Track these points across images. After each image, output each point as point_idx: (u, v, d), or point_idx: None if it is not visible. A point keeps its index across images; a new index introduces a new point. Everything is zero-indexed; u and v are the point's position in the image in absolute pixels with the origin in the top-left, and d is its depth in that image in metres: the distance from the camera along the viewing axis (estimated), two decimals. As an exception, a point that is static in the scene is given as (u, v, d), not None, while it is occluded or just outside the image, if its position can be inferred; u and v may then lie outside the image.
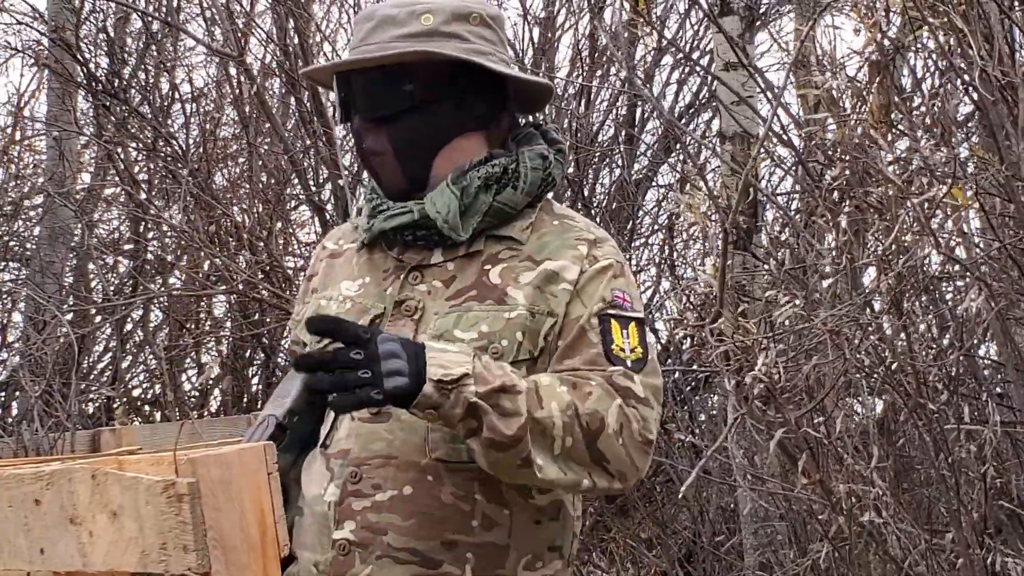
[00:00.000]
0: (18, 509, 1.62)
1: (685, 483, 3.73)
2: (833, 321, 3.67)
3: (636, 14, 4.10)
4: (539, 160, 2.16)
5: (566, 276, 2.10)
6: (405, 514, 2.02)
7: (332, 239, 2.32)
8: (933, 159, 3.38)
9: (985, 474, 3.67)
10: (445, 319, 2.08)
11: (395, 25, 2.13)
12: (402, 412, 1.98)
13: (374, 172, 2.16)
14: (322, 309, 2.18)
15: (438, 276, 2.13)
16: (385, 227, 2.14)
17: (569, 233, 2.15)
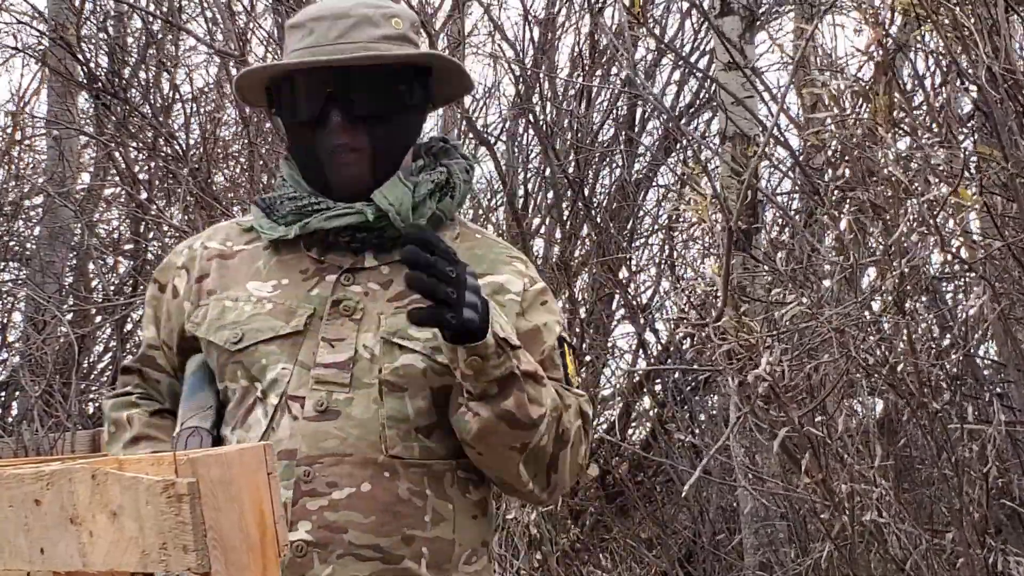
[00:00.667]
0: (18, 509, 1.62)
1: (687, 483, 3.73)
2: (837, 320, 3.67)
3: (632, 17, 4.10)
4: (466, 174, 2.23)
5: (511, 288, 2.16)
6: (365, 511, 2.03)
7: (215, 239, 2.24)
8: (936, 158, 3.38)
9: (987, 474, 3.67)
10: (395, 318, 2.09)
11: (374, 25, 2.14)
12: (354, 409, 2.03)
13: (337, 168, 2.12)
14: (229, 311, 2.13)
15: (373, 279, 2.13)
16: (325, 226, 2.11)
17: (497, 247, 2.24)
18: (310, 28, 2.15)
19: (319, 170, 2.14)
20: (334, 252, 2.15)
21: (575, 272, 7.58)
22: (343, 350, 2.07)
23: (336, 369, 2.06)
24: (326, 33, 2.13)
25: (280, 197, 2.18)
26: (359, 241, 2.14)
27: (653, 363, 7.20)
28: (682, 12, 7.87)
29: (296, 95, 2.13)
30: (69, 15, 7.49)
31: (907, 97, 3.88)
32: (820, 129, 3.80)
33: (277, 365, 2.08)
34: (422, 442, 2.07)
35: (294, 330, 2.09)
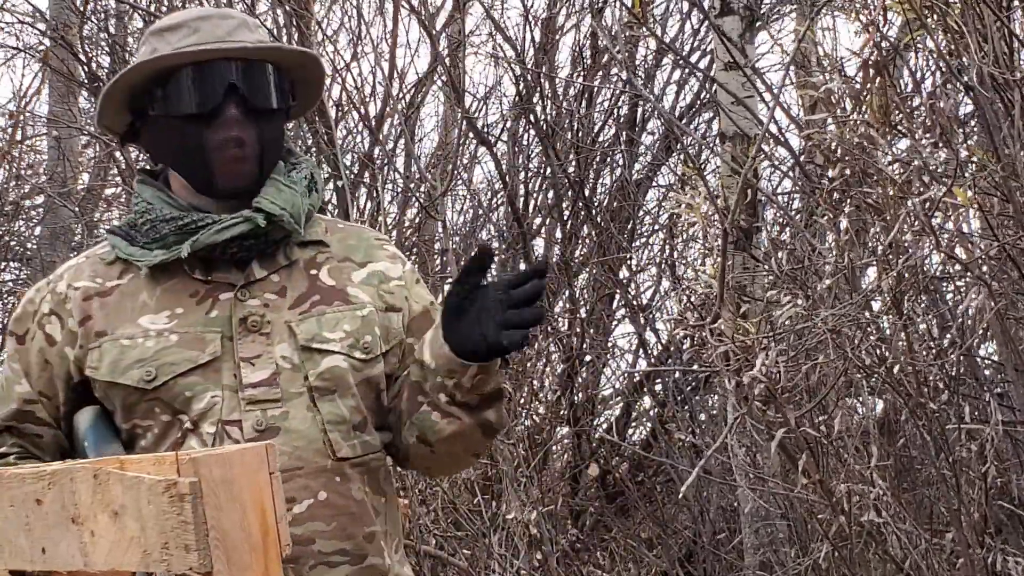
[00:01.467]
0: (19, 509, 1.62)
1: (686, 483, 3.74)
2: (834, 320, 3.67)
3: (633, 17, 4.10)
4: (318, 169, 2.27)
5: (392, 275, 2.22)
6: (327, 519, 2.06)
7: (81, 279, 2.16)
8: (933, 159, 3.38)
9: (986, 474, 3.67)
10: (307, 324, 2.11)
11: (252, 30, 2.17)
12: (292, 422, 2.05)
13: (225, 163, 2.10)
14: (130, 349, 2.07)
15: (268, 289, 2.12)
16: (218, 239, 2.07)
17: (365, 234, 2.27)
18: (194, 27, 2.13)
19: (204, 165, 2.10)
20: (218, 269, 2.12)
21: (576, 272, 7.58)
22: (264, 366, 2.07)
23: (265, 387, 2.07)
24: (213, 31, 2.13)
25: (150, 221, 2.12)
26: (246, 250, 2.11)
27: (653, 363, 7.20)
28: (683, 13, 7.87)
29: (191, 88, 2.10)
30: (70, 15, 7.49)
31: (903, 99, 3.88)
32: (818, 130, 3.81)
33: (205, 394, 2.06)
34: (360, 438, 2.11)
35: (212, 357, 2.07)
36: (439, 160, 8.00)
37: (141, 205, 2.15)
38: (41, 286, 2.20)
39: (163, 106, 2.12)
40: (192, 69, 2.10)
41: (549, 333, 7.18)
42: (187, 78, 2.10)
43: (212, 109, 2.09)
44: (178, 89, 2.10)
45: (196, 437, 2.05)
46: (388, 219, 6.97)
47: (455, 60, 7.52)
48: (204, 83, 2.10)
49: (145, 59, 2.12)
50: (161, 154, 2.18)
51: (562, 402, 7.01)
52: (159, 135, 2.16)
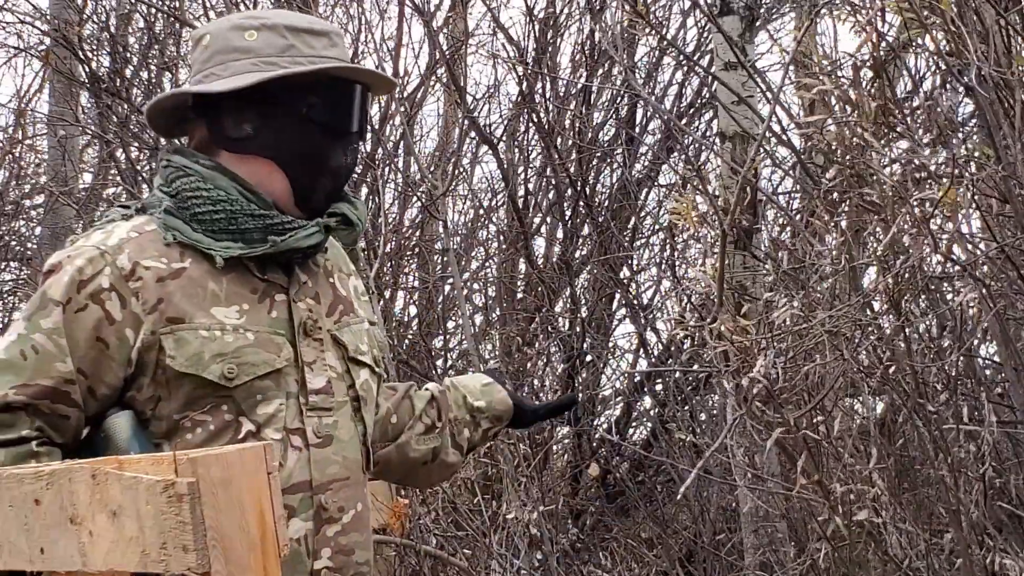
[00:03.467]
0: (18, 509, 1.63)
1: (685, 483, 3.74)
2: (832, 322, 3.67)
3: (636, 15, 4.10)
4: None
5: (361, 289, 2.30)
6: (362, 529, 2.12)
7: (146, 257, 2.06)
8: (931, 160, 3.38)
9: (984, 474, 3.67)
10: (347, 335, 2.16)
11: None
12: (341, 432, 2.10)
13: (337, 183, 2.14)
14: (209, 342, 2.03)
15: (307, 294, 2.15)
16: (302, 245, 2.09)
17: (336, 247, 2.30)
18: (334, 41, 2.15)
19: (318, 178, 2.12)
20: (270, 270, 2.12)
21: (576, 271, 7.58)
22: (320, 372, 2.10)
23: (324, 394, 2.10)
24: (344, 51, 2.15)
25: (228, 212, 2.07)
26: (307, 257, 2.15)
27: (654, 363, 7.20)
28: (683, 12, 7.87)
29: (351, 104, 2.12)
30: (71, 15, 7.49)
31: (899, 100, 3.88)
32: (816, 131, 3.80)
33: (274, 400, 2.06)
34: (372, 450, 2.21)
35: (286, 362, 2.07)
36: (440, 160, 8.00)
37: (212, 192, 2.07)
38: (94, 256, 2.04)
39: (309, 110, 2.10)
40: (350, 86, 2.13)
41: (549, 333, 7.18)
42: (345, 94, 2.12)
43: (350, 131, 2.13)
44: (333, 100, 2.11)
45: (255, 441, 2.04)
46: (389, 219, 6.97)
47: (456, 59, 7.52)
48: (354, 104, 2.12)
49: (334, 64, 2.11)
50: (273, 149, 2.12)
51: (563, 402, 6.98)
52: (284, 132, 2.11)
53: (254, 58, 2.09)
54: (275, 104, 2.10)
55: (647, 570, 5.96)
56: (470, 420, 2.37)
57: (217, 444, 2.01)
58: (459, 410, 2.37)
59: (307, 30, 2.14)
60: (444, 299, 7.70)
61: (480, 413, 2.38)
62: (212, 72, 2.10)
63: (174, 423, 2.04)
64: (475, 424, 2.37)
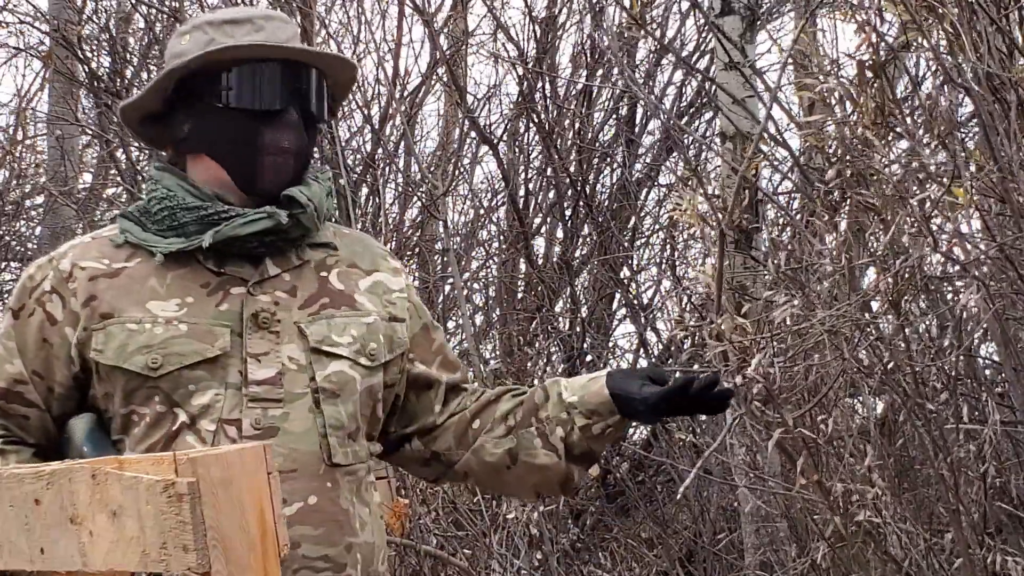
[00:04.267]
0: (18, 509, 1.63)
1: (684, 483, 3.74)
2: (831, 321, 3.68)
3: (632, 20, 4.11)
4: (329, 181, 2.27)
5: (393, 287, 2.22)
6: (315, 523, 2.05)
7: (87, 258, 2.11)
8: (930, 160, 3.39)
9: (985, 474, 3.67)
10: (317, 326, 2.11)
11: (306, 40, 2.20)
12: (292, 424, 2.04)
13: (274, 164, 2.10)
14: (137, 334, 2.05)
15: (279, 287, 2.12)
16: (240, 233, 2.07)
17: (369, 243, 2.29)
18: (259, 25, 2.13)
19: (252, 163, 2.10)
20: (231, 263, 2.10)
21: (576, 271, 7.58)
22: (270, 364, 2.06)
23: (268, 385, 2.06)
24: (276, 33, 2.13)
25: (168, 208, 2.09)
26: (265, 246, 2.11)
27: (654, 363, 7.20)
28: (682, 13, 7.87)
29: (257, 84, 2.09)
30: (71, 15, 7.49)
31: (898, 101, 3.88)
32: (816, 131, 3.81)
33: (208, 391, 2.04)
34: (351, 447, 2.11)
35: (221, 351, 2.05)
36: (440, 160, 8.00)
37: (159, 191, 2.11)
38: (43, 263, 2.14)
39: (225, 97, 2.09)
40: (264, 66, 2.10)
41: (549, 333, 7.19)
42: (257, 74, 2.09)
43: (276, 110, 2.09)
44: (245, 83, 2.09)
45: (193, 434, 2.03)
46: (390, 219, 6.98)
47: (457, 59, 7.52)
48: (273, 82, 2.09)
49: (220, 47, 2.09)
50: (205, 143, 2.12)
51: (563, 401, 6.98)
52: (209, 124, 2.12)
53: (181, 59, 2.12)
54: (199, 99, 2.11)
55: (647, 570, 5.96)
56: (565, 418, 2.15)
57: (155, 435, 2.03)
58: (554, 408, 2.17)
59: (229, 20, 2.14)
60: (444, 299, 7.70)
61: (573, 409, 2.14)
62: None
63: (124, 418, 2.07)
64: (570, 422, 2.15)
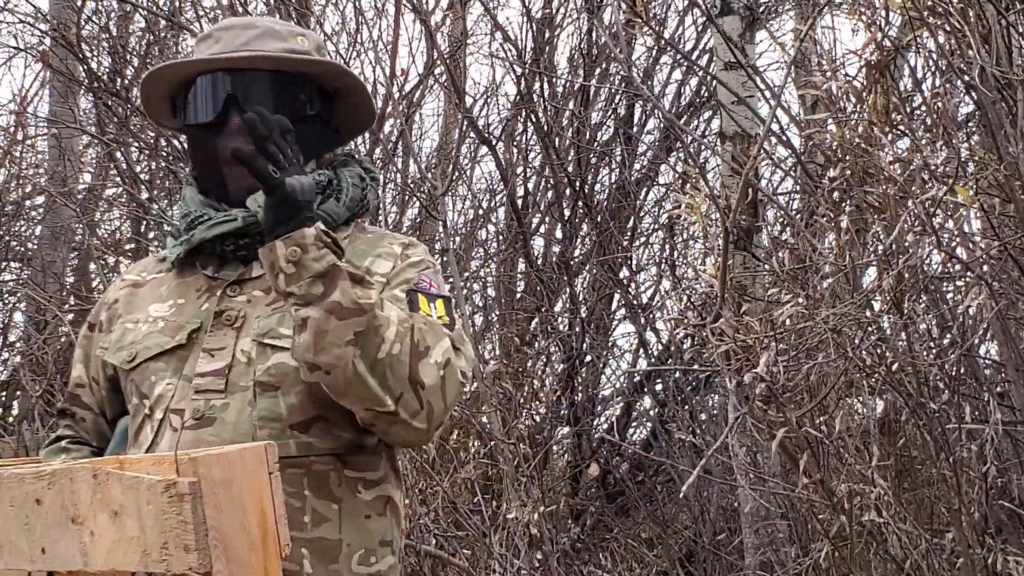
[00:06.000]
0: (19, 509, 1.62)
1: (686, 483, 3.73)
2: (834, 320, 3.67)
3: (634, 15, 4.10)
4: (358, 179, 2.29)
5: (378, 270, 2.19)
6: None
7: (134, 272, 2.33)
8: (934, 159, 3.38)
9: (986, 474, 3.67)
10: (268, 319, 2.13)
11: (279, 39, 2.23)
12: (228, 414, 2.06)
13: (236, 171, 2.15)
14: (129, 332, 2.19)
15: (258, 287, 2.17)
16: (207, 236, 2.16)
17: (383, 240, 2.27)
18: (217, 37, 2.22)
19: (217, 175, 2.18)
20: (227, 267, 2.20)
21: (576, 271, 7.58)
22: (221, 358, 2.11)
23: (212, 377, 2.10)
24: (231, 41, 2.21)
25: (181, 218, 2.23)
26: (244, 249, 2.17)
27: (654, 362, 7.21)
28: (681, 12, 7.88)
29: (198, 98, 2.19)
30: (71, 15, 7.49)
31: (903, 99, 3.88)
32: (819, 130, 3.80)
33: (163, 381, 2.12)
34: (298, 438, 2.08)
35: (177, 344, 2.13)
36: (439, 160, 8.00)
37: (180, 202, 2.25)
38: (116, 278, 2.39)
39: (183, 116, 2.22)
40: (203, 80, 2.18)
41: (549, 333, 7.19)
42: (198, 89, 2.19)
43: (215, 120, 2.16)
44: (191, 100, 2.20)
45: (150, 424, 2.12)
46: (389, 219, 6.98)
47: (455, 59, 7.52)
48: (208, 95, 2.18)
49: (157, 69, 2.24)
50: (191, 158, 2.27)
51: (562, 402, 7.01)
52: (186, 141, 2.28)
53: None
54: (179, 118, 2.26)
55: (647, 570, 5.96)
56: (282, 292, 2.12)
57: (135, 427, 2.16)
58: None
59: (204, 36, 2.27)
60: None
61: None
62: None
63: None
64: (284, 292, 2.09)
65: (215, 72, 2.18)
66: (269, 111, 2.12)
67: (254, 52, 2.19)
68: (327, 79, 2.26)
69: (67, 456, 2.25)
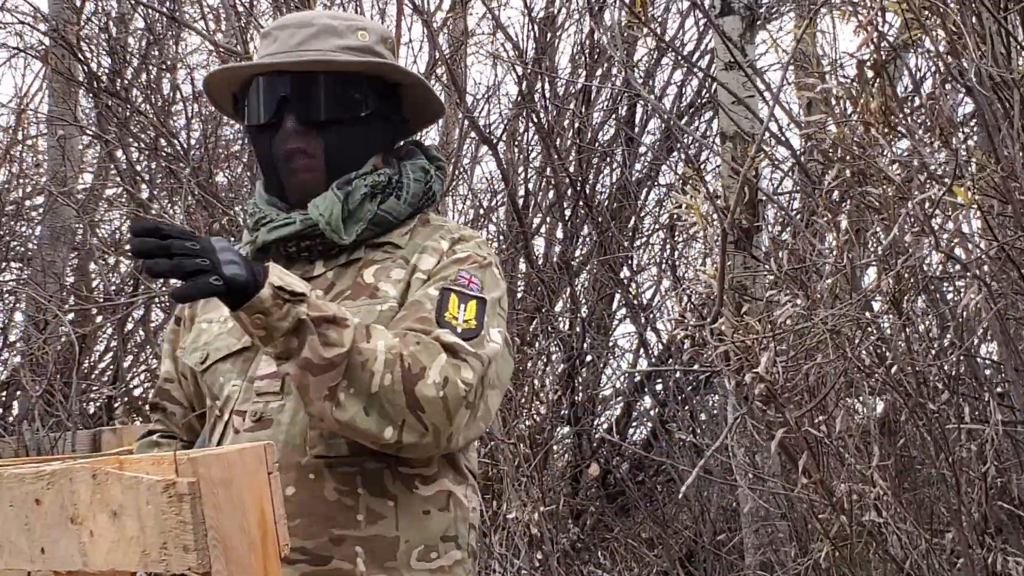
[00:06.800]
0: (19, 509, 1.62)
1: (685, 483, 3.74)
2: (833, 321, 3.67)
3: (634, 16, 4.10)
4: (421, 173, 2.25)
5: (422, 267, 2.17)
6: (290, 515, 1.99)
7: None
8: (932, 159, 3.39)
9: (986, 474, 3.67)
10: None
11: (336, 35, 2.20)
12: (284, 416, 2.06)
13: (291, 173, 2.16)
14: (203, 332, 2.21)
15: (319, 286, 2.16)
16: (269, 239, 2.16)
17: (436, 233, 2.23)
18: (275, 36, 2.21)
19: (274, 175, 2.19)
20: (294, 266, 2.18)
21: (576, 271, 7.58)
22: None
23: (270, 379, 2.11)
24: (287, 40, 2.19)
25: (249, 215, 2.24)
26: (307, 250, 2.18)
27: (654, 362, 7.21)
28: (682, 12, 7.88)
29: (255, 100, 2.19)
30: (70, 15, 7.49)
31: (901, 100, 3.88)
32: (817, 130, 3.80)
33: (230, 383, 2.14)
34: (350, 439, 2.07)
35: (243, 346, 2.15)
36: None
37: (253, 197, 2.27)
38: None
39: (243, 116, 2.23)
40: (259, 81, 2.18)
41: (549, 333, 7.19)
42: (254, 91, 2.19)
43: (272, 121, 2.16)
44: (248, 101, 2.20)
45: (220, 424, 2.15)
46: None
47: (456, 59, 7.52)
48: (265, 96, 2.18)
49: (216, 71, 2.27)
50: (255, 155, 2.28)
51: (563, 402, 7.01)
52: (250, 139, 2.28)
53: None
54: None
55: (647, 570, 5.96)
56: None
57: (209, 426, 2.19)
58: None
59: (265, 33, 2.26)
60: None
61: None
62: None
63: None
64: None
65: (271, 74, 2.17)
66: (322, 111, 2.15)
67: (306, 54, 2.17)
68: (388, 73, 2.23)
69: (158, 451, 2.26)
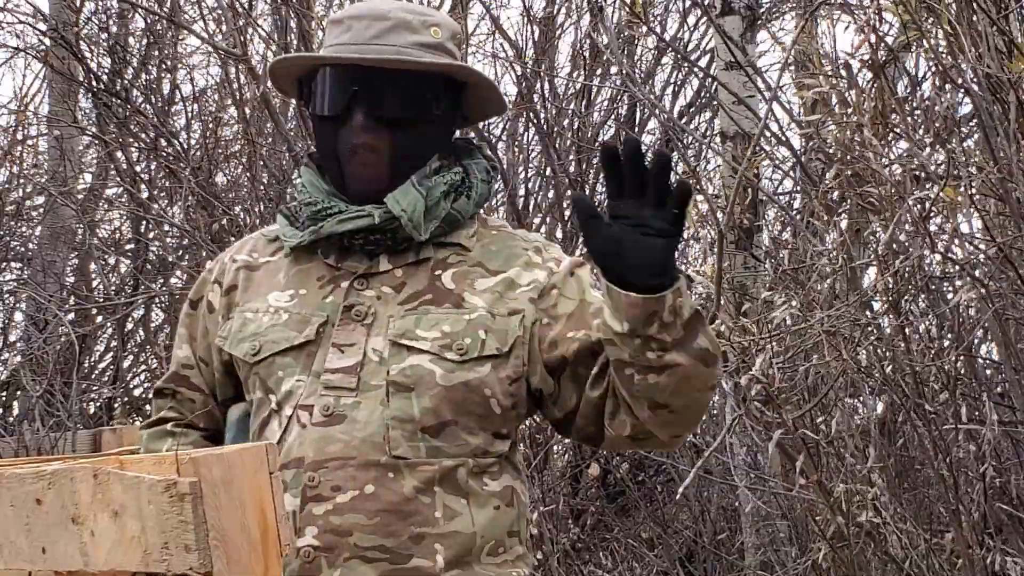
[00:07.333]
0: (19, 508, 1.62)
1: (684, 483, 3.74)
2: (830, 321, 3.68)
3: (634, 16, 4.10)
4: (485, 174, 2.23)
5: (522, 281, 2.14)
6: (369, 513, 2.03)
7: (243, 251, 2.27)
8: (930, 160, 3.39)
9: (984, 474, 3.67)
10: (404, 320, 2.10)
11: (411, 31, 2.15)
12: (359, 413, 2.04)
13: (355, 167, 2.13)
14: (250, 322, 2.15)
15: (387, 283, 2.13)
16: (338, 230, 2.11)
17: (512, 241, 2.21)
18: (348, 25, 2.16)
19: (338, 167, 2.15)
20: (350, 258, 2.15)
21: (576, 272, 7.56)
22: (352, 355, 2.08)
23: (343, 374, 2.07)
24: (362, 32, 2.14)
25: (299, 204, 2.18)
26: (373, 244, 2.14)
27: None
28: (682, 12, 7.88)
29: (324, 90, 2.15)
30: (70, 15, 7.49)
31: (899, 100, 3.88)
32: (815, 130, 3.81)
33: (292, 377, 2.09)
34: (429, 442, 2.06)
35: (306, 339, 2.10)
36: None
37: (298, 186, 2.20)
38: (221, 255, 2.30)
39: (310, 104, 2.18)
40: (329, 71, 2.14)
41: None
42: (323, 80, 2.15)
43: (340, 114, 2.13)
44: (316, 89, 2.16)
45: (277, 419, 2.10)
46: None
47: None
48: (334, 88, 2.13)
49: (286, 57, 2.25)
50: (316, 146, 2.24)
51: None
52: (313, 128, 2.25)
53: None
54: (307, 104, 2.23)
55: (647, 570, 5.96)
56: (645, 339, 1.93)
57: (258, 421, 2.13)
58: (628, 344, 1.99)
59: (335, 20, 2.22)
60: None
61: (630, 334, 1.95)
62: None
63: (252, 404, 2.17)
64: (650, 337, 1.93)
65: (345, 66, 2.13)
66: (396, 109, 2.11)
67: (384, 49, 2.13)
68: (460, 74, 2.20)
69: (173, 441, 2.22)
